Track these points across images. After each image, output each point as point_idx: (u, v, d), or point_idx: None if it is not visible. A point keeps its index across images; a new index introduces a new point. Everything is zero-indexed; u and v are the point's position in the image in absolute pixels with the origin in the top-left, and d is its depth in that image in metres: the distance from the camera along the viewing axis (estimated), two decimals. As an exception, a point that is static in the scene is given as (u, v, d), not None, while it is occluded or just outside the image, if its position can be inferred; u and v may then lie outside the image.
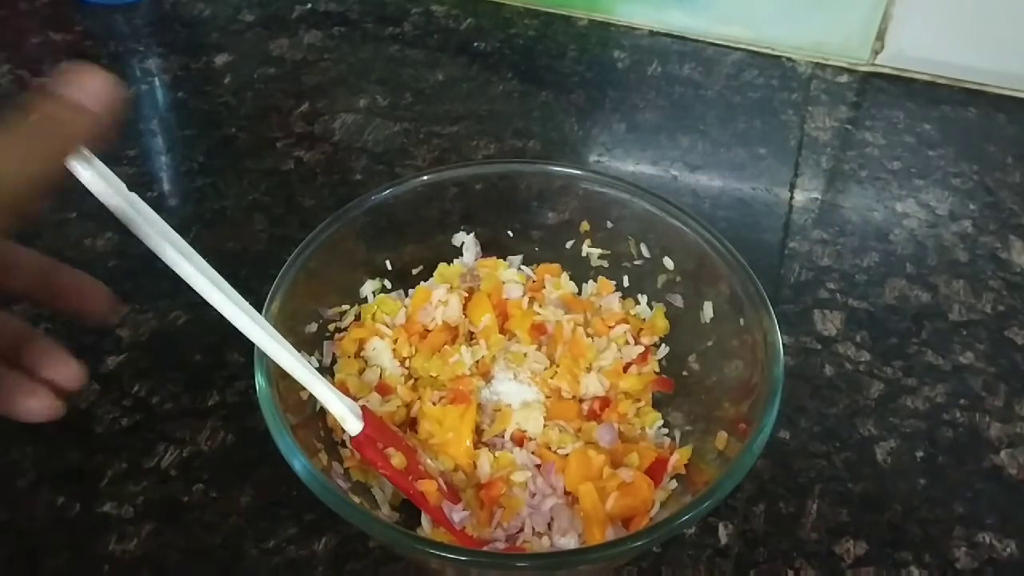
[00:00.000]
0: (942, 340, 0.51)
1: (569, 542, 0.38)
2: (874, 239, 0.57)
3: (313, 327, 0.43)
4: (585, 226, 0.48)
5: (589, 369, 0.44)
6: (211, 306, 0.33)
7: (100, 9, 0.74)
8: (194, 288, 0.33)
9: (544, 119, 0.65)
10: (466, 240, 0.48)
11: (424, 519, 0.38)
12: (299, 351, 0.42)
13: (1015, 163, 0.63)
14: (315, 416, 0.41)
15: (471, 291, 0.46)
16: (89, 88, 0.26)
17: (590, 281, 0.49)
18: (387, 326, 0.45)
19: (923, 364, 0.49)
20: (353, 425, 0.36)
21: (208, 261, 0.53)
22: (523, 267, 0.49)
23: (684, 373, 0.44)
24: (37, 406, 0.30)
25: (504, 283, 0.47)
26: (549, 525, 0.39)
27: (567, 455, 0.40)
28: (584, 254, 0.49)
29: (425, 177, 0.47)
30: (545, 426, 0.42)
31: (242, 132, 0.63)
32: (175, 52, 0.70)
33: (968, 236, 0.57)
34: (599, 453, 0.40)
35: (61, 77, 0.26)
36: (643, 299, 0.47)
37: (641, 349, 0.45)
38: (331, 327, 0.45)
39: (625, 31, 0.74)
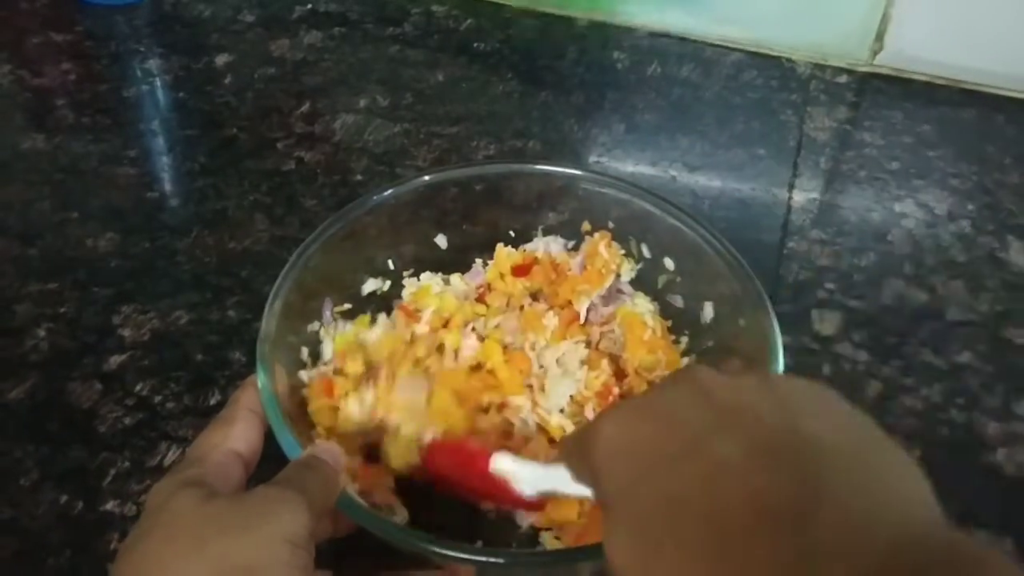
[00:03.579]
0: (940, 340, 0.51)
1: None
2: (872, 239, 0.57)
3: (315, 326, 0.44)
4: (586, 226, 0.48)
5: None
6: (212, 305, 0.33)
7: (101, 9, 0.74)
8: None
9: (544, 120, 0.65)
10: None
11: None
12: (300, 349, 0.42)
13: (1013, 163, 0.63)
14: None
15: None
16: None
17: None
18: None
19: (921, 364, 0.49)
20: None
21: (210, 261, 0.53)
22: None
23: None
24: None
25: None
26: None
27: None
28: (584, 254, 0.49)
29: (426, 177, 0.47)
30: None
31: (243, 132, 0.63)
32: (176, 52, 0.70)
33: (966, 236, 0.57)
34: None
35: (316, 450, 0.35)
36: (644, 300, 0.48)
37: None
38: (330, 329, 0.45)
39: (625, 32, 0.74)
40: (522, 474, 0.34)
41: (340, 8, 0.76)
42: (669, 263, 0.46)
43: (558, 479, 0.32)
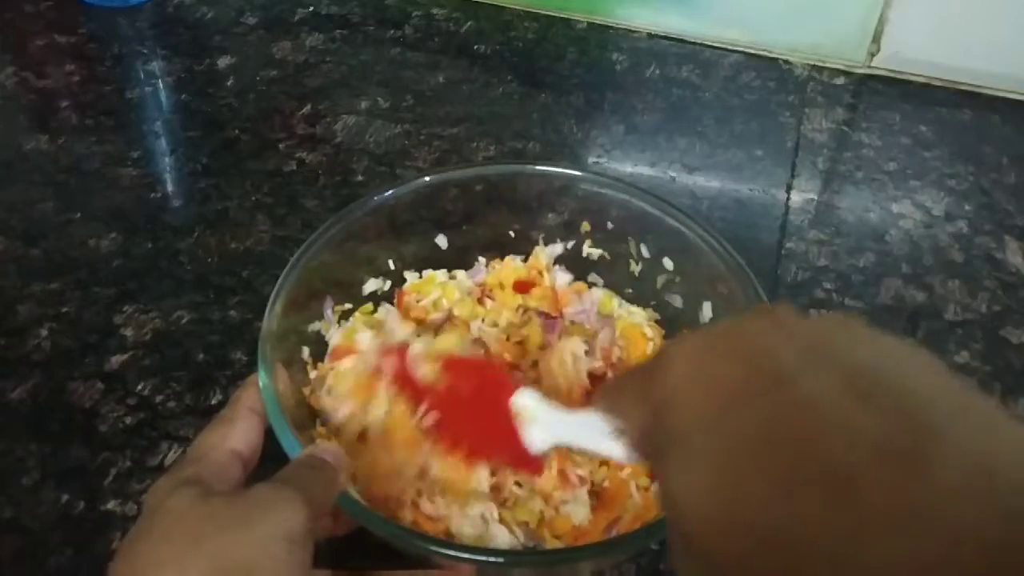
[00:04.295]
0: (938, 340, 0.51)
1: None
2: (870, 239, 0.57)
3: (316, 326, 0.44)
4: (586, 226, 0.49)
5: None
6: (213, 305, 0.34)
7: (104, 12, 0.74)
8: None
9: (544, 121, 0.65)
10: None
11: None
12: (301, 348, 0.43)
13: (1010, 164, 0.63)
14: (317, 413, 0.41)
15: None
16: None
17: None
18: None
19: (919, 363, 0.50)
20: None
21: (212, 261, 0.53)
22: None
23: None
24: None
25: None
26: None
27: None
28: (585, 254, 0.49)
29: (426, 178, 0.47)
30: None
31: (245, 134, 0.63)
32: (178, 54, 0.71)
33: (963, 236, 0.58)
34: None
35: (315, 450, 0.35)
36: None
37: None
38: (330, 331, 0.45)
39: (624, 34, 0.74)
40: (543, 417, 0.31)
41: (341, 11, 0.76)
42: (668, 263, 0.46)
43: (584, 430, 0.29)
